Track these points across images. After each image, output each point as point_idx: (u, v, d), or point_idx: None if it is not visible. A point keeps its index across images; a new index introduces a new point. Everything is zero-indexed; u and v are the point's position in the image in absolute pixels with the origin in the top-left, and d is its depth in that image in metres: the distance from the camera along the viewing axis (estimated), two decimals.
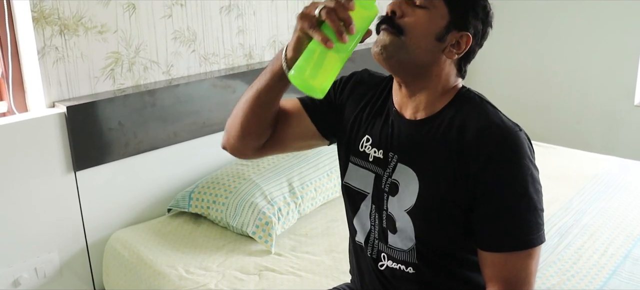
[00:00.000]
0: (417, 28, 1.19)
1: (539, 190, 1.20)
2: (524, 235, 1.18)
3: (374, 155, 1.32)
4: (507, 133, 1.19)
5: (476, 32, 1.23)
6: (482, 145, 1.18)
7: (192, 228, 2.26)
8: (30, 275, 2.06)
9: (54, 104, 2.12)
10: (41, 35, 2.06)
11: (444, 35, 1.20)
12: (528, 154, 1.19)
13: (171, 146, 2.37)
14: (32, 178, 2.04)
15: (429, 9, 1.19)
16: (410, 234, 1.26)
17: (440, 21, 1.19)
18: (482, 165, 1.17)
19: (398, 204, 1.26)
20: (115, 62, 2.26)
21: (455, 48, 1.22)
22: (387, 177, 1.29)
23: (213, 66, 2.57)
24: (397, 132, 1.29)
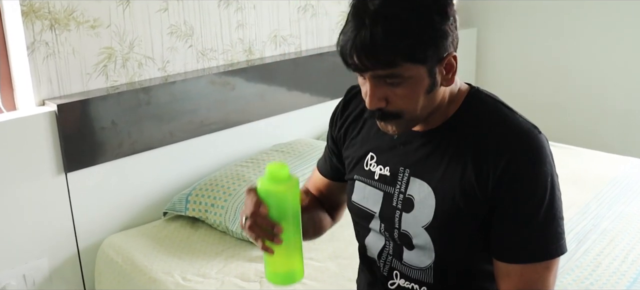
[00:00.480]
0: (408, 104, 1.10)
1: (560, 197, 1.13)
2: (542, 246, 1.11)
3: (380, 172, 1.25)
4: (527, 137, 1.11)
5: (453, 40, 1.10)
6: (500, 152, 1.10)
7: (189, 232, 2.16)
8: (18, 282, 1.96)
9: (43, 102, 2.02)
10: (31, 30, 1.96)
11: (433, 82, 1.10)
12: (549, 158, 1.11)
13: (167, 146, 2.27)
14: (20, 180, 1.94)
15: (404, 82, 1.07)
16: (430, 251, 1.19)
17: (422, 80, 1.08)
18: (500, 173, 1.09)
19: (414, 221, 1.19)
20: (108, 58, 2.15)
21: (448, 72, 1.12)
22: (398, 194, 1.21)
23: (211, 62, 2.47)
24: (406, 146, 1.22)
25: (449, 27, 1.08)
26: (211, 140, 2.40)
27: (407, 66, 1.05)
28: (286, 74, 2.61)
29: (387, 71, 1.05)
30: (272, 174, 1.05)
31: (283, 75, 2.60)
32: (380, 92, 1.09)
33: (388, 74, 1.06)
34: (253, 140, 2.54)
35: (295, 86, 2.65)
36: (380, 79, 1.07)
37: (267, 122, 2.59)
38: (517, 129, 1.13)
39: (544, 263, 1.11)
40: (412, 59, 1.04)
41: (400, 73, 1.05)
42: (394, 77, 1.06)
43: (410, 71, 1.06)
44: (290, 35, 2.71)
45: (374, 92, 1.09)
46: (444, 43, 1.07)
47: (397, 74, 1.05)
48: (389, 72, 1.05)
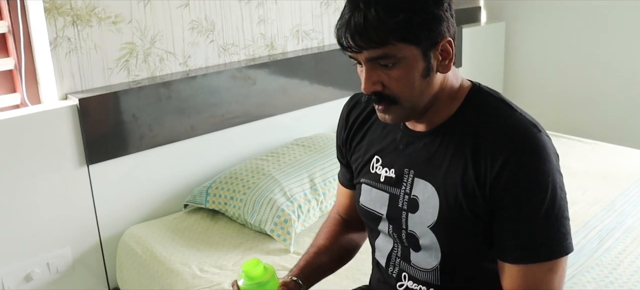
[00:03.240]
0: (404, 88, 1.11)
1: (563, 197, 1.11)
2: (544, 246, 1.09)
3: (385, 175, 1.26)
4: (525, 135, 1.09)
5: (448, 26, 1.11)
6: (498, 150, 1.09)
7: (209, 225, 2.18)
8: (42, 270, 2.01)
9: (66, 96, 2.07)
10: (53, 26, 2.00)
11: (428, 66, 1.10)
12: (550, 157, 1.09)
13: (188, 140, 2.30)
14: (44, 171, 1.99)
15: (398, 63, 1.08)
16: (437, 251, 1.19)
17: (416, 63, 1.09)
18: (498, 172, 1.08)
19: (420, 221, 1.19)
20: (130, 53, 2.19)
21: (445, 58, 1.12)
22: (404, 195, 1.22)
23: (232, 57, 2.49)
24: (409, 147, 1.22)
25: (443, 12, 1.09)
26: (232, 133, 2.42)
27: (400, 46, 1.06)
28: (308, 69, 2.61)
29: (380, 51, 1.06)
30: (247, 273, 1.20)
31: (305, 70, 2.60)
32: (375, 76, 1.10)
33: (381, 55, 1.07)
34: (274, 134, 2.55)
35: (317, 80, 2.65)
36: (374, 62, 1.09)
37: (288, 116, 2.60)
38: (515, 127, 1.11)
39: (546, 264, 1.09)
40: (404, 39, 1.05)
41: (393, 53, 1.06)
42: (387, 57, 1.07)
43: (403, 51, 1.06)
44: (312, 30, 2.72)
45: (369, 75, 1.11)
46: (438, 27, 1.08)
47: (390, 54, 1.06)
48: (381, 51, 1.06)
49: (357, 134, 1.35)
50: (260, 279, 1.20)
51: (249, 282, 1.20)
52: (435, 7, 1.07)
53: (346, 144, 1.38)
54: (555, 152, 1.14)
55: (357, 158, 1.35)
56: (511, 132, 1.10)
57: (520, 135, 1.10)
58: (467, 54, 3.27)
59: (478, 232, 1.15)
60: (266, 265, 1.23)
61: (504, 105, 1.16)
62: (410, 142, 1.22)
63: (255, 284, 1.20)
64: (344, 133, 1.39)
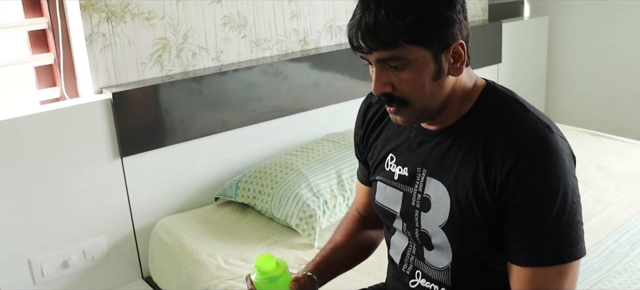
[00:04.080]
0: (414, 90, 1.10)
1: (576, 201, 1.08)
2: (553, 250, 1.08)
3: (399, 173, 1.26)
4: (536, 136, 1.08)
5: (460, 28, 1.10)
6: (508, 151, 1.08)
7: (238, 218, 2.22)
8: (78, 257, 2.09)
9: (101, 90, 2.13)
10: (88, 22, 2.07)
11: (439, 69, 1.10)
12: (562, 159, 1.07)
13: (220, 134, 2.34)
14: (80, 163, 2.06)
15: (408, 66, 1.08)
16: (448, 251, 1.20)
17: (427, 65, 1.09)
18: (508, 173, 1.07)
19: (432, 220, 1.20)
20: (163, 49, 2.24)
21: (456, 61, 1.11)
22: (417, 193, 1.22)
23: (265, 52, 2.51)
24: (422, 145, 1.22)
25: (456, 14, 1.08)
26: (264, 128, 2.45)
27: (410, 48, 1.06)
28: (342, 64, 2.61)
29: (390, 52, 1.06)
30: (259, 268, 1.22)
31: (338, 65, 2.60)
32: (385, 77, 1.11)
33: (391, 56, 1.07)
34: (306, 129, 2.57)
35: (350, 76, 2.65)
36: (384, 63, 1.09)
37: (321, 112, 2.61)
38: (526, 128, 1.10)
39: (555, 268, 1.08)
40: (414, 41, 1.06)
41: (403, 55, 1.07)
42: (397, 59, 1.07)
43: (413, 53, 1.07)
44: (346, 25, 2.71)
45: (379, 76, 1.11)
46: (449, 29, 1.08)
47: (400, 56, 1.07)
48: (391, 53, 1.06)
49: (373, 131, 1.36)
50: (272, 274, 1.22)
51: (260, 276, 1.23)
52: (447, 10, 1.07)
53: (363, 141, 1.40)
54: (570, 154, 1.12)
55: (373, 155, 1.36)
56: (522, 132, 1.09)
57: (531, 136, 1.08)
58: (507, 50, 3.21)
59: (489, 233, 1.15)
60: (278, 261, 1.25)
61: (517, 105, 1.15)
62: (424, 141, 1.23)
63: (266, 279, 1.22)
64: (361, 130, 1.40)
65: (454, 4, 1.08)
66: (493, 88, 1.19)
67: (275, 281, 1.23)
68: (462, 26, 1.11)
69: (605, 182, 2.26)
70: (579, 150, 2.54)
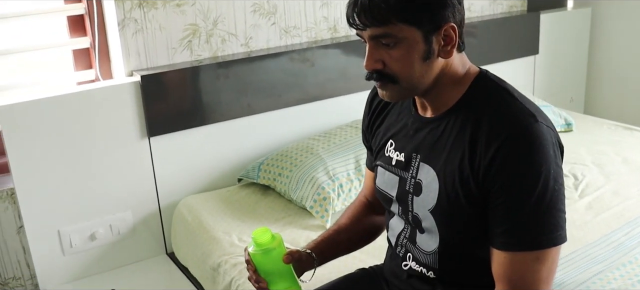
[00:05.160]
0: (403, 68, 1.15)
1: (557, 189, 1.10)
2: (531, 235, 1.10)
3: (397, 158, 1.31)
4: (520, 124, 1.11)
5: (454, 12, 1.14)
6: (492, 138, 1.11)
7: (258, 199, 2.29)
8: (105, 230, 2.21)
9: (132, 72, 2.24)
10: (121, 8, 2.18)
11: (429, 49, 1.14)
12: (544, 147, 1.09)
13: (245, 117, 2.41)
14: (110, 141, 2.18)
15: (399, 43, 1.13)
16: (435, 235, 1.24)
17: (417, 45, 1.13)
18: (491, 159, 1.11)
19: (422, 204, 1.24)
20: (193, 34, 2.33)
21: (447, 44, 1.16)
22: (410, 178, 1.27)
23: (294, 39, 2.57)
24: (418, 132, 1.27)
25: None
26: (289, 113, 2.51)
27: (401, 26, 1.11)
28: None
29: (382, 29, 1.12)
30: (255, 240, 1.29)
31: None
32: (377, 54, 1.16)
33: (383, 33, 1.12)
34: (332, 116, 2.61)
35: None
36: (377, 40, 1.15)
37: (348, 99, 2.65)
38: (511, 116, 1.13)
39: (533, 253, 1.10)
40: (405, 19, 1.11)
41: (395, 33, 1.12)
42: (389, 36, 1.12)
43: (404, 32, 1.12)
44: None
45: (371, 53, 1.17)
46: (441, 11, 1.12)
47: (392, 33, 1.12)
48: (383, 30, 1.12)
49: (377, 118, 1.42)
50: (266, 246, 1.29)
51: (256, 248, 1.30)
52: None
53: (369, 128, 1.46)
54: (556, 144, 1.13)
55: (376, 141, 1.42)
56: (507, 120, 1.12)
57: (514, 124, 1.11)
58: (546, 41, 3.14)
59: (474, 219, 1.18)
60: (274, 234, 1.32)
61: (505, 94, 1.18)
62: (419, 128, 1.27)
63: (261, 251, 1.30)
64: (367, 118, 1.46)
65: None
66: (485, 76, 1.22)
67: (269, 253, 1.30)
68: (456, 10, 1.15)
69: (629, 176, 2.21)
70: (609, 144, 2.52)
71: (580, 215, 1.95)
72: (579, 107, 3.38)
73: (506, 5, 3.05)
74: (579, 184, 2.16)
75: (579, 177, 2.22)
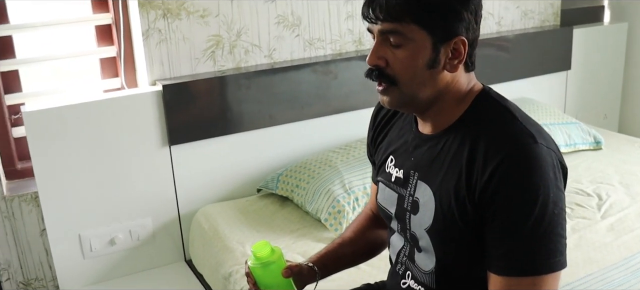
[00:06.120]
0: (405, 71, 1.13)
1: (557, 213, 1.07)
2: (527, 260, 1.07)
3: (396, 175, 1.30)
4: (517, 144, 1.08)
5: (468, 27, 1.12)
6: (488, 159, 1.08)
7: (276, 209, 2.30)
8: (124, 236, 2.26)
9: (155, 82, 2.29)
10: (146, 19, 2.23)
11: (435, 58, 1.12)
12: (543, 169, 1.06)
13: (266, 128, 2.43)
14: (132, 148, 2.22)
15: (407, 44, 1.12)
16: (432, 255, 1.22)
17: (424, 50, 1.12)
18: (487, 180, 1.08)
19: (419, 223, 1.22)
20: (216, 45, 2.37)
21: (455, 58, 1.14)
22: (408, 196, 1.25)
23: (318, 51, 2.58)
24: (417, 149, 1.25)
25: (467, 13, 1.12)
26: (311, 125, 2.51)
27: (413, 27, 1.10)
28: None
29: (394, 25, 1.11)
30: (255, 254, 1.30)
31: None
32: (382, 51, 1.14)
33: (393, 29, 1.11)
34: (355, 128, 2.60)
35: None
36: (385, 36, 1.13)
37: (371, 112, 2.60)
38: (510, 136, 1.10)
39: (529, 278, 1.07)
40: (417, 20, 1.10)
41: (405, 32, 1.10)
42: (398, 34, 1.11)
43: (414, 33, 1.10)
44: None
45: (376, 48, 1.15)
46: (455, 23, 1.11)
47: (401, 31, 1.11)
48: (394, 26, 1.11)
49: (381, 133, 1.41)
50: (265, 260, 1.30)
51: (255, 261, 1.30)
52: (459, 4, 1.11)
53: (372, 142, 1.44)
54: (557, 166, 1.10)
55: (378, 156, 1.41)
56: (504, 140, 1.09)
57: (512, 145, 1.08)
58: (580, 56, 3.07)
59: (470, 240, 1.15)
60: (274, 248, 1.33)
61: (506, 113, 1.15)
62: (418, 145, 1.25)
63: (260, 264, 1.30)
64: (371, 132, 1.45)
65: (468, 2, 1.12)
66: (487, 94, 1.20)
67: (268, 266, 1.30)
68: (470, 27, 1.13)
69: None
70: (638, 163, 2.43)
71: (600, 236, 1.89)
72: (612, 125, 3.28)
73: (538, 20, 2.99)
74: (603, 205, 2.10)
75: (603, 197, 2.15)
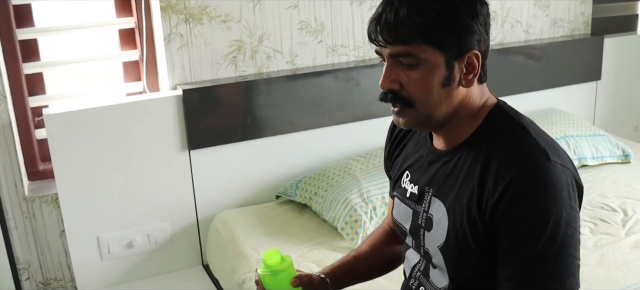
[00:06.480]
0: (421, 92, 1.10)
1: (570, 234, 1.04)
2: (538, 281, 1.04)
3: (411, 190, 1.28)
4: (530, 162, 1.05)
5: (479, 40, 1.09)
6: (500, 177, 1.06)
7: (294, 217, 2.28)
8: (142, 239, 2.27)
9: (176, 86, 2.30)
10: (168, 23, 2.24)
11: (449, 75, 1.10)
12: (556, 188, 1.03)
13: (286, 134, 2.41)
14: (152, 152, 2.23)
15: (420, 65, 1.08)
16: (445, 273, 1.20)
17: (438, 69, 1.09)
18: (498, 199, 1.05)
19: (432, 240, 1.20)
20: (238, 50, 2.36)
21: (469, 72, 1.11)
22: (423, 212, 1.23)
23: (341, 58, 2.56)
24: (431, 165, 1.23)
25: (477, 25, 1.09)
26: (332, 132, 2.49)
27: (424, 47, 1.07)
28: None
29: (404, 48, 1.07)
30: (265, 262, 1.28)
31: None
32: (394, 74, 1.12)
33: (404, 52, 1.08)
34: (376, 137, 2.53)
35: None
36: (396, 59, 1.10)
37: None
38: (522, 153, 1.07)
39: None
40: (429, 40, 1.06)
41: (417, 53, 1.07)
42: (410, 56, 1.08)
43: (426, 53, 1.07)
44: None
45: (389, 72, 1.12)
46: (467, 37, 1.08)
47: (413, 53, 1.07)
48: (405, 49, 1.07)
49: (397, 147, 1.39)
50: (275, 268, 1.28)
51: (265, 269, 1.29)
52: (469, 17, 1.08)
53: (389, 156, 1.42)
54: (571, 185, 1.06)
55: (394, 171, 1.39)
56: (516, 158, 1.06)
57: (524, 162, 1.05)
58: (610, 66, 2.98)
59: (482, 259, 1.13)
60: (284, 256, 1.31)
61: (519, 129, 1.12)
62: (433, 161, 1.23)
63: (269, 272, 1.29)
64: (388, 146, 1.43)
65: (477, 14, 1.09)
66: (502, 109, 1.17)
67: (277, 275, 1.29)
68: (482, 39, 1.10)
69: None
70: None
71: (623, 254, 1.83)
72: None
73: (568, 29, 2.92)
74: (628, 221, 2.03)
75: (629, 213, 2.08)
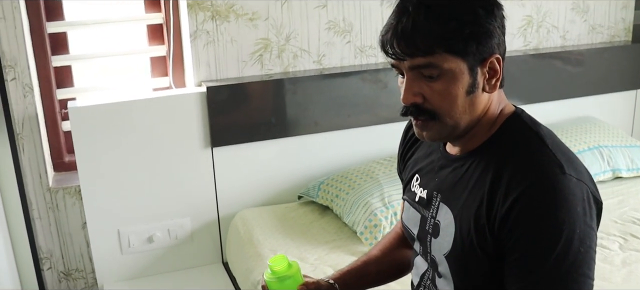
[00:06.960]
0: (446, 102, 1.05)
1: (584, 251, 0.98)
2: None
3: (419, 194, 1.24)
4: (543, 174, 1.00)
5: (499, 43, 1.05)
6: (511, 188, 1.01)
7: (315, 218, 2.26)
8: (163, 234, 2.27)
9: (201, 83, 2.29)
10: (194, 20, 2.24)
11: (473, 82, 1.05)
12: (570, 203, 0.98)
13: (311, 135, 2.39)
14: (175, 148, 2.24)
15: (443, 75, 1.03)
16: (451, 282, 1.16)
17: (462, 77, 1.04)
18: (507, 211, 1.01)
19: (438, 247, 1.16)
20: (264, 48, 2.35)
21: (492, 77, 1.06)
22: (431, 218, 1.19)
23: (370, 59, 2.52)
24: (441, 170, 1.19)
25: (495, 28, 1.05)
26: (357, 134, 2.45)
27: (446, 56, 1.02)
28: None
29: (425, 59, 1.02)
30: (271, 268, 1.26)
31: None
32: (416, 86, 1.06)
33: (425, 63, 1.03)
34: None
35: None
36: (417, 71, 1.05)
37: None
38: (536, 164, 1.02)
39: None
40: (451, 49, 1.02)
41: (438, 64, 1.02)
42: (432, 67, 1.03)
43: (448, 63, 1.03)
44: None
45: (409, 85, 1.06)
46: (487, 41, 1.04)
47: (435, 64, 1.03)
48: (426, 60, 1.02)
49: (409, 150, 1.35)
50: (281, 274, 1.26)
51: (271, 275, 1.27)
52: (487, 21, 1.04)
53: (402, 159, 1.39)
54: (587, 200, 1.01)
55: (405, 174, 1.35)
56: (529, 169, 1.02)
57: (537, 174, 1.01)
58: None
59: (488, 270, 1.08)
60: (291, 262, 1.29)
61: (536, 139, 1.07)
62: (444, 166, 1.19)
63: (276, 278, 1.27)
64: (401, 148, 1.39)
65: (494, 17, 1.04)
66: (519, 117, 1.12)
67: (284, 281, 1.26)
68: (500, 41, 1.06)
69: None
70: None
71: None
72: None
73: (607, 35, 2.81)
74: None
75: None
